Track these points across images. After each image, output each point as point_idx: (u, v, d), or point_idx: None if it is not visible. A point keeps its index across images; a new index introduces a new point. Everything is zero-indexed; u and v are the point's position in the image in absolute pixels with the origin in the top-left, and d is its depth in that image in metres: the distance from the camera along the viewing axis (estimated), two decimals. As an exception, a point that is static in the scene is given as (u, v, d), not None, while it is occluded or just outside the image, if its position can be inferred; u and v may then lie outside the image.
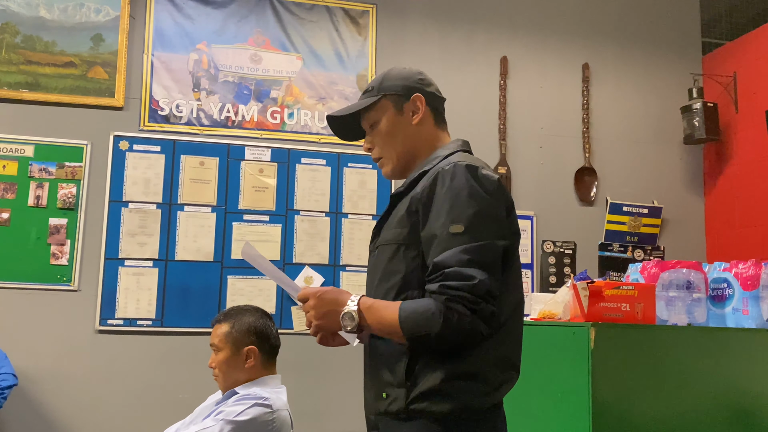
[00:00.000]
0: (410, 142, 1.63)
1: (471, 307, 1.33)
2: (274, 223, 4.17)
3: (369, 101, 1.64)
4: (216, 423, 1.97)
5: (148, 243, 3.98)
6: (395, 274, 1.47)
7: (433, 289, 1.36)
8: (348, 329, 1.42)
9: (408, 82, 1.65)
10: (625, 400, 1.81)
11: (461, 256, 1.36)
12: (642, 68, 4.86)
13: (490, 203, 1.43)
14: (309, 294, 1.47)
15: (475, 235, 1.38)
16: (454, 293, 1.33)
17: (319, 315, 1.45)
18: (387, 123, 1.63)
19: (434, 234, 1.41)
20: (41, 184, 3.90)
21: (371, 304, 1.43)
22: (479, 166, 1.47)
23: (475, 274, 1.34)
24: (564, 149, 4.63)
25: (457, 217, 1.40)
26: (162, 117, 4.11)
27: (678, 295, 2.01)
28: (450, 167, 1.45)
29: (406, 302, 1.40)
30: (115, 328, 3.89)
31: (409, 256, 1.46)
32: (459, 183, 1.42)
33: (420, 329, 1.35)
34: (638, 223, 4.67)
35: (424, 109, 1.63)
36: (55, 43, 4.03)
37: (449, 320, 1.32)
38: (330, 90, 4.37)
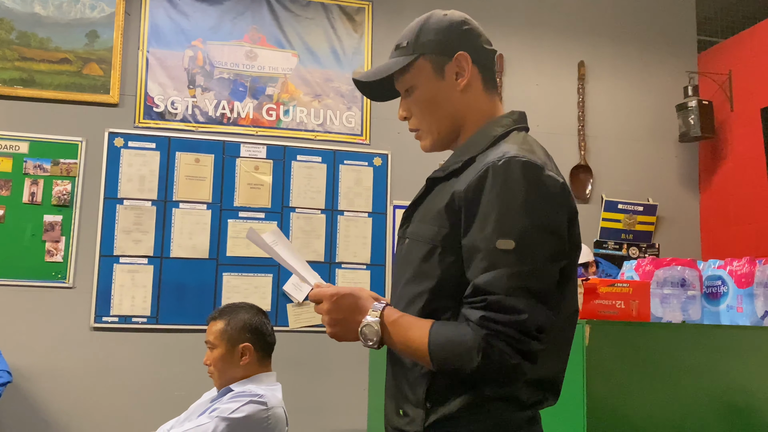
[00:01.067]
0: (455, 111, 1.34)
1: (517, 347, 1.11)
2: (270, 221, 4.16)
3: (402, 62, 1.34)
4: (211, 420, 1.97)
5: (143, 240, 3.98)
6: (428, 278, 1.23)
7: (472, 318, 1.13)
8: (368, 344, 1.22)
9: (450, 36, 1.35)
10: (619, 397, 1.82)
11: (509, 282, 1.12)
12: (637, 66, 4.87)
13: (550, 214, 1.17)
14: (323, 296, 1.26)
15: (527, 256, 1.13)
16: (498, 328, 1.11)
17: (334, 322, 1.26)
18: (425, 89, 1.34)
19: (477, 246, 1.16)
20: (36, 180, 3.89)
21: (396, 319, 1.21)
22: (541, 165, 1.19)
23: (525, 308, 1.11)
24: (559, 147, 4.63)
25: (507, 230, 1.14)
26: (157, 114, 4.10)
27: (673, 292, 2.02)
28: (504, 162, 1.17)
29: (439, 326, 1.18)
30: (110, 325, 3.88)
31: (446, 261, 1.22)
32: (513, 185, 1.15)
33: (452, 363, 1.14)
34: (633, 220, 4.68)
35: (470, 69, 1.33)
36: (50, 39, 4.01)
37: (489, 358, 1.11)
38: (326, 87, 4.37)
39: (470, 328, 1.13)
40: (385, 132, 4.39)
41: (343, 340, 1.28)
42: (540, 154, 1.25)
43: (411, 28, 1.39)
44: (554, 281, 1.17)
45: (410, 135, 4.48)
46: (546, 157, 1.26)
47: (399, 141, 4.37)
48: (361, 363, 3.84)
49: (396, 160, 4.37)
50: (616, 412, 1.82)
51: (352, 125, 4.37)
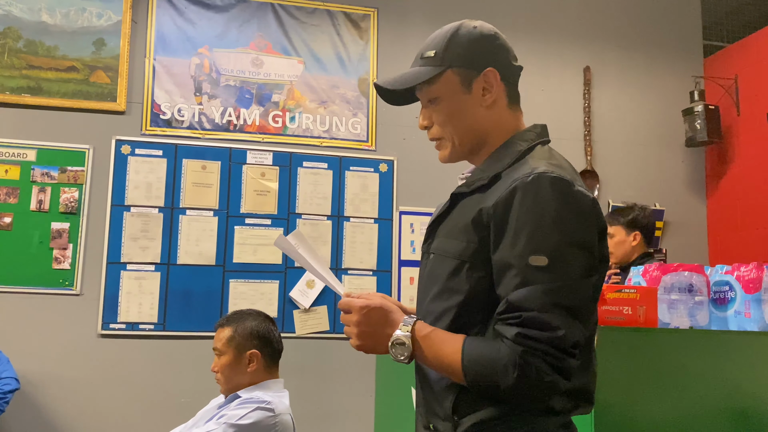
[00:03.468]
0: (479, 126, 1.33)
1: (554, 363, 1.10)
2: (276, 227, 4.17)
3: (430, 72, 1.34)
4: (218, 426, 1.97)
5: (150, 247, 3.99)
6: (456, 294, 1.23)
7: (508, 335, 1.12)
8: (399, 359, 1.20)
9: (480, 50, 1.33)
10: (627, 404, 1.81)
11: (544, 298, 1.11)
12: (643, 71, 4.86)
13: (581, 229, 1.17)
14: (353, 307, 1.25)
15: (561, 271, 1.13)
16: (534, 345, 1.10)
17: (363, 335, 1.24)
18: (451, 102, 1.33)
19: (509, 263, 1.16)
20: (43, 188, 3.91)
21: (428, 334, 1.20)
22: (570, 180, 1.19)
23: (561, 324, 1.11)
24: (565, 152, 4.58)
25: (540, 246, 1.13)
26: (164, 121, 4.12)
27: (680, 298, 2.01)
28: (533, 178, 1.17)
29: (472, 342, 1.17)
30: (118, 332, 3.89)
31: (474, 276, 1.21)
32: (544, 201, 1.15)
33: (486, 379, 1.13)
34: (640, 225, 4.66)
35: (498, 86, 1.33)
36: (57, 47, 4.04)
37: (526, 375, 1.10)
38: (332, 94, 4.38)
39: (505, 344, 1.12)
40: (391, 138, 4.39)
41: (371, 352, 1.27)
42: (568, 168, 1.26)
43: (439, 36, 1.37)
44: (588, 297, 1.18)
45: (416, 141, 4.50)
46: (573, 172, 1.27)
47: (405, 147, 4.37)
48: (367, 370, 3.83)
49: (402, 166, 4.38)
50: (624, 419, 1.81)
51: (357, 131, 4.38)
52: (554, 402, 1.18)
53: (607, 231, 1.26)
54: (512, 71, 1.37)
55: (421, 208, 4.33)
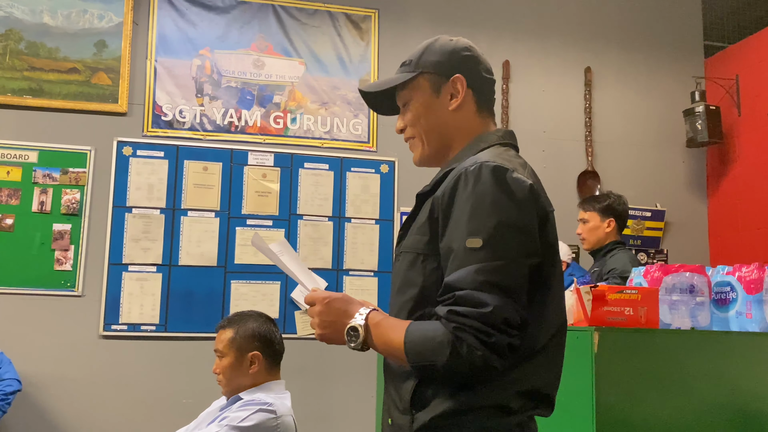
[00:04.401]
0: (444, 129, 1.41)
1: (482, 339, 1.13)
2: (278, 228, 4.17)
3: (404, 78, 1.42)
4: (220, 429, 1.97)
5: (152, 248, 3.99)
6: (412, 286, 1.28)
7: (441, 313, 1.17)
8: (352, 346, 1.26)
9: (450, 58, 1.41)
10: (628, 405, 1.81)
11: (476, 276, 1.16)
12: (644, 71, 4.86)
13: (518, 213, 1.21)
14: (316, 299, 1.32)
15: (495, 252, 1.17)
16: (464, 321, 1.14)
17: (324, 324, 1.30)
18: (420, 105, 1.41)
19: (451, 247, 1.21)
20: (45, 189, 3.91)
21: (379, 321, 1.25)
22: (510, 168, 1.24)
23: (489, 300, 1.14)
24: (566, 153, 4.63)
25: (476, 229, 1.18)
26: (165, 122, 4.12)
27: (681, 298, 2.01)
28: (475, 167, 1.23)
29: (415, 325, 1.22)
30: (119, 333, 3.89)
31: (429, 267, 1.26)
32: (482, 188, 1.21)
33: (425, 358, 1.18)
34: (641, 226, 4.67)
35: (464, 92, 1.39)
36: (59, 49, 4.04)
37: (457, 352, 1.14)
38: (333, 95, 4.38)
39: (441, 324, 1.17)
40: (392, 139, 4.40)
41: (330, 342, 1.32)
42: (514, 161, 1.30)
43: (418, 47, 1.46)
44: (524, 278, 1.20)
45: (417, 142, 4.42)
46: (520, 165, 1.31)
47: (406, 148, 4.32)
48: (369, 370, 3.84)
49: (403, 166, 4.38)
50: (626, 420, 1.81)
51: (358, 132, 4.38)
52: (510, 401, 1.21)
53: (550, 217, 1.29)
54: (481, 81, 1.43)
55: (422, 209, 4.33)
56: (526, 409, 1.23)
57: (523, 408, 1.23)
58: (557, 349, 1.30)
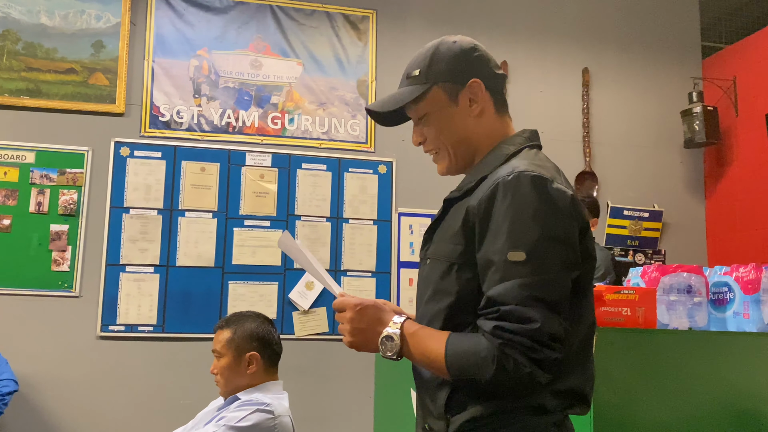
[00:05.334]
0: (469, 136, 1.37)
1: (530, 355, 1.12)
2: (275, 229, 4.17)
3: (416, 92, 1.37)
4: (218, 429, 1.97)
5: (149, 249, 3.99)
6: (447, 295, 1.26)
7: (486, 328, 1.16)
8: (388, 355, 1.25)
9: (461, 63, 1.36)
10: (626, 405, 1.81)
11: (521, 292, 1.14)
12: (642, 72, 4.87)
13: (560, 225, 1.19)
14: (347, 305, 1.29)
15: (539, 266, 1.16)
16: (511, 338, 1.13)
17: (356, 331, 1.28)
18: (440, 117, 1.37)
19: (490, 259, 1.19)
20: (42, 190, 3.91)
21: (416, 331, 1.24)
22: (549, 178, 1.21)
23: (537, 317, 1.13)
24: (564, 153, 4.63)
25: (518, 242, 1.17)
26: (163, 123, 4.12)
27: (679, 299, 2.01)
28: (513, 177, 1.20)
29: (455, 337, 1.20)
30: (117, 334, 3.89)
31: (464, 277, 1.24)
32: (523, 199, 1.18)
33: (468, 372, 1.16)
34: (639, 227, 4.68)
35: (483, 95, 1.36)
36: (56, 49, 4.04)
37: (503, 368, 1.13)
38: (330, 95, 4.38)
39: (485, 338, 1.15)
40: (390, 140, 4.40)
41: (362, 350, 1.30)
42: (550, 168, 1.27)
43: (421, 55, 1.41)
44: (567, 291, 1.19)
45: (415, 143, 4.42)
46: (556, 172, 1.28)
47: (404, 148, 4.38)
48: (366, 371, 3.84)
49: (401, 167, 4.38)
50: (623, 420, 1.81)
51: (356, 133, 4.38)
52: (546, 401, 1.20)
53: (589, 227, 1.27)
54: (496, 80, 1.39)
55: (420, 209, 4.33)
56: (562, 408, 1.23)
57: (559, 407, 1.23)
58: (588, 348, 1.31)
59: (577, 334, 1.24)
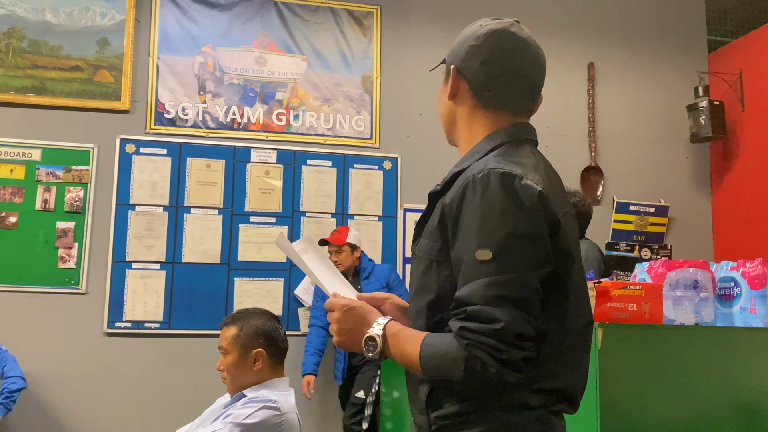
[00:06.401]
0: (445, 118, 1.41)
1: (495, 356, 1.12)
2: (281, 225, 4.17)
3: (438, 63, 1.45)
4: (224, 426, 1.98)
5: (155, 245, 4.00)
6: (428, 292, 1.27)
7: (454, 329, 1.16)
8: (369, 355, 1.26)
9: (459, 48, 1.37)
10: (632, 400, 1.81)
11: (486, 291, 1.14)
12: (648, 67, 4.85)
13: (527, 222, 1.17)
14: (335, 306, 1.32)
15: (505, 264, 1.15)
16: (476, 338, 1.12)
17: (342, 331, 1.31)
18: (441, 89, 1.42)
19: (461, 258, 1.19)
20: (48, 187, 3.92)
21: (396, 332, 1.25)
22: (519, 174, 1.20)
23: (501, 316, 1.12)
24: (569, 148, 4.62)
25: (485, 241, 1.16)
26: (168, 120, 4.12)
27: (685, 294, 2.01)
28: (483, 174, 1.20)
29: (431, 338, 1.21)
30: (123, 330, 3.90)
31: (443, 274, 1.24)
32: (490, 196, 1.17)
33: (440, 373, 1.17)
34: (645, 222, 4.67)
35: (453, 83, 1.36)
36: (61, 47, 4.05)
37: (472, 369, 1.13)
38: (335, 91, 4.38)
39: (455, 340, 1.15)
40: (395, 136, 4.40)
41: (348, 349, 1.34)
42: (526, 164, 1.25)
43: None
44: (535, 288, 1.17)
45: (420, 138, 4.48)
46: (532, 168, 1.25)
47: (409, 144, 4.37)
48: (372, 367, 3.83)
49: (406, 163, 4.38)
50: (630, 415, 1.81)
51: (361, 129, 4.38)
52: (528, 399, 1.20)
53: (562, 224, 1.23)
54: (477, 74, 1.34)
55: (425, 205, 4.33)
56: (547, 405, 1.22)
57: (543, 404, 1.22)
58: (581, 348, 1.28)
59: (563, 333, 1.23)
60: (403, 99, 4.44)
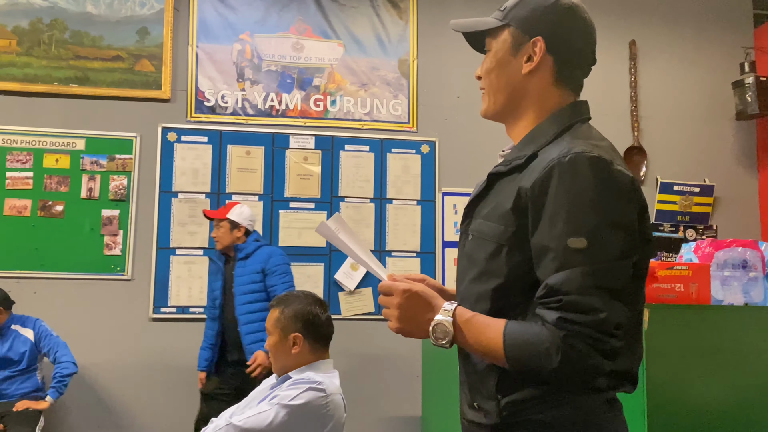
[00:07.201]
0: (513, 91, 1.32)
1: (596, 346, 1.10)
2: (320, 210, 4.20)
3: (487, 24, 1.35)
4: (271, 407, 2.00)
5: (198, 232, 4.05)
6: (495, 277, 1.23)
7: (548, 319, 1.12)
8: (440, 343, 1.20)
9: (540, 16, 1.30)
10: (680, 382, 1.79)
11: (583, 280, 1.11)
12: (691, 43, 4.74)
13: (621, 210, 1.15)
14: (395, 289, 1.25)
15: (600, 253, 1.12)
16: (576, 329, 1.10)
17: (404, 318, 1.24)
18: (495, 59, 1.33)
19: (547, 246, 1.15)
20: (93, 176, 4.00)
21: (469, 319, 1.20)
22: (609, 159, 1.17)
23: (601, 306, 1.10)
24: (611, 129, 4.52)
25: (578, 228, 1.13)
26: (208, 108, 4.17)
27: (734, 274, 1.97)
28: (570, 158, 1.16)
29: (513, 327, 1.17)
30: (168, 315, 3.97)
31: (514, 260, 1.21)
32: (581, 182, 1.14)
33: (529, 363, 1.14)
34: (690, 202, 4.58)
35: (539, 58, 1.29)
36: (102, 37, 4.11)
37: (569, 359, 1.10)
38: (372, 76, 4.37)
39: (546, 329, 1.12)
40: (432, 119, 4.38)
41: (409, 336, 1.27)
42: (607, 147, 1.23)
43: None
44: (628, 277, 1.15)
45: (458, 121, 4.44)
46: (612, 151, 1.24)
47: (446, 128, 4.35)
48: (413, 350, 3.85)
49: (444, 146, 4.36)
50: (677, 398, 1.79)
51: (398, 113, 4.37)
52: (599, 381, 1.18)
53: (647, 209, 1.23)
54: (569, 50, 1.31)
55: (464, 188, 4.30)
56: (613, 387, 1.22)
57: (610, 386, 1.21)
58: (639, 328, 1.27)
59: (634, 317, 1.21)
60: (441, 81, 4.41)
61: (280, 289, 3.46)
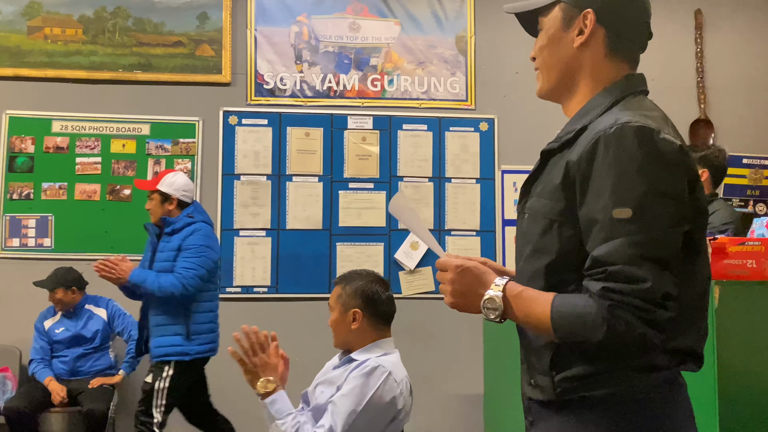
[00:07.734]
0: (566, 66, 1.32)
1: (643, 316, 1.09)
2: (379, 190, 4.22)
3: (540, 3, 1.35)
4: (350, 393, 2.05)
5: (261, 213, 4.13)
6: (547, 253, 1.23)
7: (594, 290, 1.12)
8: (490, 317, 1.23)
9: None
10: (751, 361, 1.75)
11: (629, 250, 1.10)
12: (761, 9, 4.56)
13: (667, 178, 1.14)
14: (449, 266, 1.27)
15: (647, 223, 1.11)
16: (621, 299, 1.09)
17: (457, 293, 1.26)
18: (547, 36, 1.33)
19: (594, 218, 1.15)
20: (158, 160, 4.10)
21: (519, 293, 1.21)
22: (655, 128, 1.15)
23: (647, 276, 1.09)
24: (677, 101, 4.41)
25: (623, 198, 1.12)
26: (267, 91, 4.22)
27: (809, 250, 1.91)
28: (616, 129, 1.15)
29: (561, 299, 1.17)
30: (234, 295, 4.07)
31: (565, 235, 1.21)
32: (626, 152, 1.13)
33: (576, 335, 1.14)
34: (759, 175, 4.43)
35: (590, 30, 1.28)
36: (164, 23, 4.20)
37: (615, 330, 1.09)
38: (429, 54, 4.35)
39: (592, 300, 1.12)
40: (491, 96, 4.33)
41: (463, 311, 1.29)
42: (656, 117, 1.21)
43: None
44: (677, 247, 1.14)
45: (517, 98, 4.38)
46: (663, 121, 1.21)
47: (505, 105, 4.30)
48: (475, 328, 3.85)
49: (502, 124, 4.31)
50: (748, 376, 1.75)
51: (456, 91, 4.34)
52: (657, 359, 1.17)
53: (699, 180, 1.20)
54: (619, 20, 1.30)
55: (524, 166, 4.25)
56: (673, 365, 1.20)
57: (670, 364, 1.19)
58: (703, 305, 1.25)
59: (691, 291, 1.19)
60: (499, 58, 4.36)
61: (177, 267, 3.17)
